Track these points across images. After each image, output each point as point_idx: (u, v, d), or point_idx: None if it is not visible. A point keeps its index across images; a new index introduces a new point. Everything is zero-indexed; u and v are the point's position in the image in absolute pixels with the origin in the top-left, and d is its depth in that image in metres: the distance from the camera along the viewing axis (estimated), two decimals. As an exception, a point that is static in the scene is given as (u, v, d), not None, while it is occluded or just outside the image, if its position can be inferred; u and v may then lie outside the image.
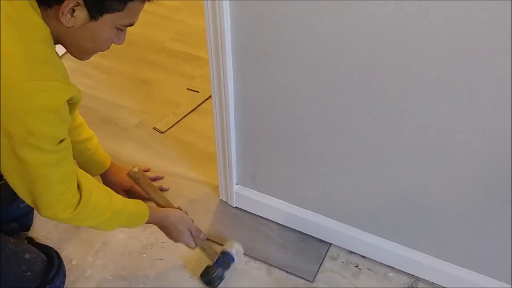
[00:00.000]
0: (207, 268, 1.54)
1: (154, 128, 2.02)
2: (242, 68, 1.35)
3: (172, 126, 2.03)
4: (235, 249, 1.55)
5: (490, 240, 1.36)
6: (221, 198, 1.77)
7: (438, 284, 1.54)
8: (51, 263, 1.48)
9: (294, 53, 1.24)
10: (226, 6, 1.22)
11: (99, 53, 1.25)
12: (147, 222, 1.45)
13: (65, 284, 1.51)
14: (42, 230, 1.67)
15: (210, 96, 2.09)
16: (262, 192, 1.66)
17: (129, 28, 1.20)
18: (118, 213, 1.35)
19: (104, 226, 1.36)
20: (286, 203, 1.64)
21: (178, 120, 2.05)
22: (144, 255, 1.62)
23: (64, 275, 1.52)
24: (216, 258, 1.54)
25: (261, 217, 1.71)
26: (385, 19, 1.08)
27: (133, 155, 1.91)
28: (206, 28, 1.30)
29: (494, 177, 1.23)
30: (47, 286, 1.44)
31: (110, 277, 1.57)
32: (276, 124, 1.44)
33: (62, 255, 1.59)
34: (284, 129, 1.44)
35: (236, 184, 1.68)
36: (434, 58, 1.09)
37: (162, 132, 2.00)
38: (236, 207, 1.74)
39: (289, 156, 1.50)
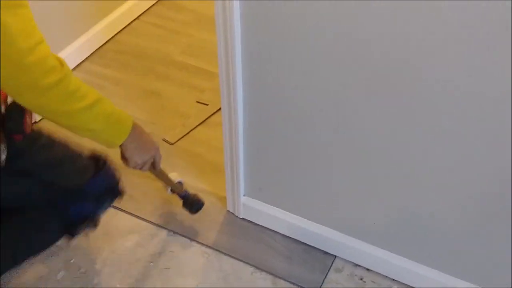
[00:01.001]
0: (190, 200, 1.70)
1: (164, 140, 2.05)
2: (252, 80, 1.39)
3: (182, 137, 2.06)
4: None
5: (494, 254, 1.38)
6: (228, 209, 1.79)
7: (441, 298, 1.55)
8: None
9: (304, 66, 1.28)
10: (236, 19, 1.26)
11: (110, 65, 1.25)
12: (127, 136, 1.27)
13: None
14: (52, 237, 1.70)
15: (219, 109, 2.14)
16: (268, 204, 1.68)
17: (140, 42, 1.22)
18: (102, 103, 1.18)
19: (81, 118, 1.16)
20: (292, 214, 1.66)
21: (187, 132, 2.08)
22: (151, 263, 1.65)
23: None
24: (181, 189, 1.68)
25: (267, 228, 1.73)
26: (388, 24, 1.11)
27: (142, 165, 1.93)
28: (218, 39, 1.34)
29: (497, 195, 1.25)
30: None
31: (118, 285, 1.59)
32: (284, 136, 1.47)
33: (70, 263, 1.63)
34: (293, 142, 1.47)
35: (244, 196, 1.71)
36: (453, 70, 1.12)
37: (172, 144, 2.04)
38: (243, 218, 1.76)
39: (297, 168, 1.53)
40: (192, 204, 1.72)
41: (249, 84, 1.40)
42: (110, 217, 1.76)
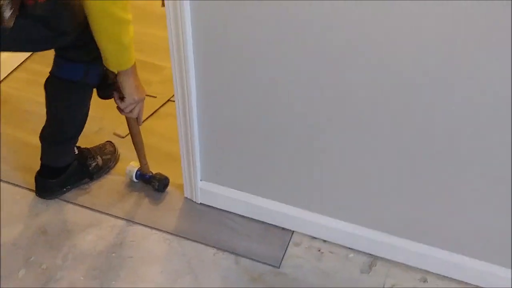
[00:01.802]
0: (158, 177, 1.82)
1: (115, 134, 2.06)
2: (203, 62, 1.43)
3: (133, 130, 2.07)
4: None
5: (445, 213, 1.48)
6: (185, 195, 1.82)
7: (395, 261, 1.64)
8: None
9: (256, 44, 1.33)
10: (187, 6, 1.30)
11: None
12: (131, 67, 1.51)
13: None
14: (9, 235, 1.69)
15: (168, 100, 2.18)
16: (225, 186, 1.73)
17: None
18: (130, 29, 1.43)
19: (121, 27, 1.40)
20: (249, 194, 1.71)
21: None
22: (113, 254, 1.66)
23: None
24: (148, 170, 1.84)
25: (226, 211, 1.77)
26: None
27: (95, 160, 1.94)
28: (168, 27, 1.37)
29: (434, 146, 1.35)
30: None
31: (82, 278, 1.60)
32: (238, 119, 1.52)
33: (30, 260, 1.62)
34: (246, 123, 1.52)
35: (201, 181, 1.74)
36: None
37: (123, 137, 2.04)
38: (201, 203, 1.80)
39: (251, 149, 1.58)
40: (160, 180, 1.81)
41: (201, 66, 1.44)
42: (67, 214, 1.76)
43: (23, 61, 2.35)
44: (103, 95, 1.67)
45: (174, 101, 2.14)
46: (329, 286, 1.59)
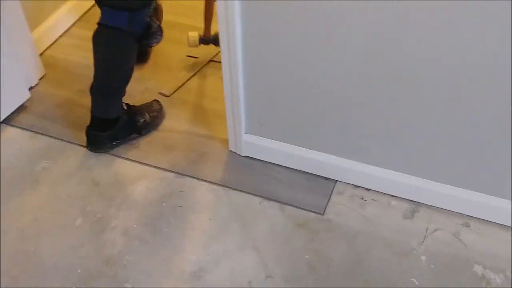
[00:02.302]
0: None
1: (160, 93, 2.12)
2: (249, 17, 1.47)
3: (177, 89, 2.14)
4: None
5: (488, 158, 1.50)
6: (230, 149, 1.88)
7: (437, 207, 1.67)
8: None
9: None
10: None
11: None
12: None
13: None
14: (64, 188, 1.78)
15: (209, 61, 2.23)
16: (269, 138, 1.78)
17: None
18: None
19: None
20: (293, 145, 1.76)
21: (181, 84, 2.15)
22: (164, 204, 1.73)
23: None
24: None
25: (269, 162, 1.83)
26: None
27: (142, 118, 2.01)
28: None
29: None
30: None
31: (135, 225, 1.68)
32: (282, 69, 1.56)
33: (86, 210, 1.71)
34: (290, 73, 1.56)
35: (245, 133, 1.80)
36: None
37: (168, 96, 2.11)
38: (245, 156, 1.86)
39: (294, 99, 1.62)
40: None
41: (247, 16, 1.48)
42: (118, 168, 1.84)
43: (69, 27, 2.43)
44: (146, 44, 1.77)
45: (215, 61, 2.22)
46: (373, 231, 1.63)
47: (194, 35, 2.17)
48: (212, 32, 2.18)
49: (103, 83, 1.79)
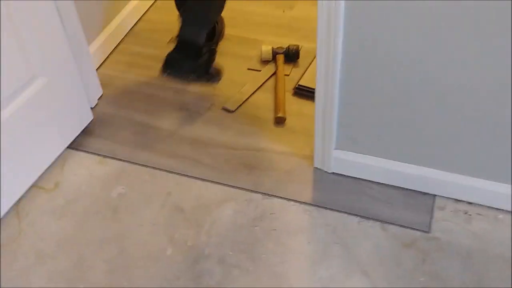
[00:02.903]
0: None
1: (224, 108, 2.02)
2: (352, 21, 1.38)
3: (241, 104, 2.03)
4: None
5: None
6: (315, 166, 1.78)
7: (549, 219, 1.59)
8: None
9: (405, 14, 1.27)
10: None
11: (148, 44, 1.40)
12: None
13: None
14: (147, 215, 1.67)
15: (272, 75, 2.13)
16: (361, 153, 1.68)
17: (169, 18, 1.40)
18: None
19: None
20: (388, 160, 1.66)
21: (246, 98, 2.05)
22: (256, 227, 1.63)
23: None
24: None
25: (361, 179, 1.73)
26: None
27: (215, 136, 1.91)
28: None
29: None
30: None
31: (230, 253, 1.57)
32: (380, 80, 1.47)
33: (175, 238, 1.60)
34: (388, 85, 1.47)
35: (334, 149, 1.70)
36: None
37: (232, 111, 2.01)
38: (333, 172, 1.76)
39: (392, 111, 1.53)
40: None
41: (349, 30, 1.39)
42: (199, 190, 1.74)
43: (117, 44, 2.32)
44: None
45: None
46: (485, 248, 1.54)
47: (268, 49, 2.11)
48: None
49: (197, 9, 1.98)
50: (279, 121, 1.94)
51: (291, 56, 2.15)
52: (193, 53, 2.02)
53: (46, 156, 1.78)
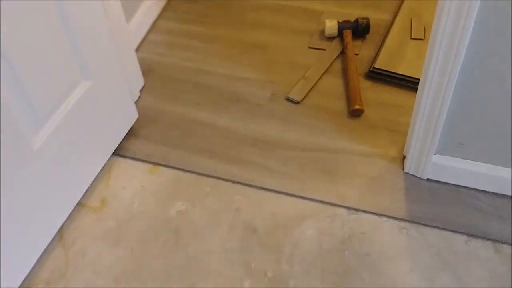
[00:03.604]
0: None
1: (288, 99, 1.74)
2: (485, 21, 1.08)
3: (308, 93, 1.75)
4: None
5: None
6: (406, 171, 1.52)
7: None
8: None
9: None
10: None
11: (188, 19, 1.09)
12: None
13: None
14: (216, 239, 1.42)
15: (341, 52, 1.83)
16: (467, 159, 1.42)
17: None
18: None
19: None
20: (496, 166, 1.40)
21: (312, 85, 1.76)
22: (346, 252, 1.39)
23: None
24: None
25: (462, 186, 1.47)
26: None
27: (282, 134, 1.63)
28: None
29: None
30: None
31: (320, 285, 1.33)
32: (503, 81, 1.19)
33: (251, 268, 1.36)
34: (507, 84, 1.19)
35: (435, 154, 1.44)
36: None
37: (298, 102, 1.72)
38: (427, 179, 1.50)
39: (509, 115, 1.26)
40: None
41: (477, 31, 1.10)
42: (272, 205, 1.48)
43: (154, 20, 2.01)
44: None
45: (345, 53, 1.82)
46: None
47: (333, 24, 1.80)
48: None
49: None
50: (356, 113, 1.66)
51: (361, 31, 1.84)
52: None
53: (90, 168, 1.51)
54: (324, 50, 1.85)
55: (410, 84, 1.69)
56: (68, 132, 1.35)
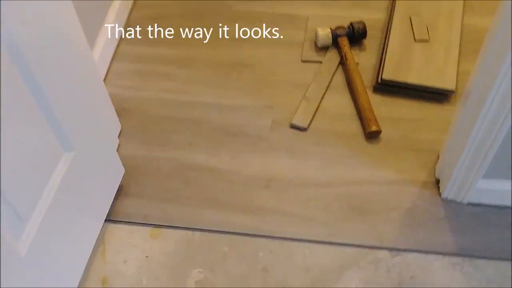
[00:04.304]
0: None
1: (292, 126, 1.53)
2: None
3: (313, 117, 1.54)
4: None
5: None
6: (444, 196, 1.36)
7: None
8: None
9: None
10: None
11: (169, 42, 0.98)
12: None
13: None
14: None
15: (338, 65, 1.63)
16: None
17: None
18: None
19: None
20: (545, 183, 1.27)
21: (316, 106, 1.56)
22: (400, 304, 1.21)
23: None
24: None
25: (507, 207, 1.33)
26: None
27: (294, 169, 1.43)
28: None
29: None
30: None
31: None
32: None
33: None
34: None
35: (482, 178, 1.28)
36: None
37: (305, 129, 1.52)
38: (468, 203, 1.34)
39: None
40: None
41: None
42: (304, 257, 1.28)
43: (116, 46, 1.73)
44: None
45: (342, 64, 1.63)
46: None
47: (326, 32, 1.61)
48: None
49: None
50: (373, 135, 1.48)
51: (357, 37, 1.65)
52: None
53: (83, 248, 1.25)
54: (321, 62, 1.65)
55: (423, 93, 1.53)
56: (54, 223, 1.08)
